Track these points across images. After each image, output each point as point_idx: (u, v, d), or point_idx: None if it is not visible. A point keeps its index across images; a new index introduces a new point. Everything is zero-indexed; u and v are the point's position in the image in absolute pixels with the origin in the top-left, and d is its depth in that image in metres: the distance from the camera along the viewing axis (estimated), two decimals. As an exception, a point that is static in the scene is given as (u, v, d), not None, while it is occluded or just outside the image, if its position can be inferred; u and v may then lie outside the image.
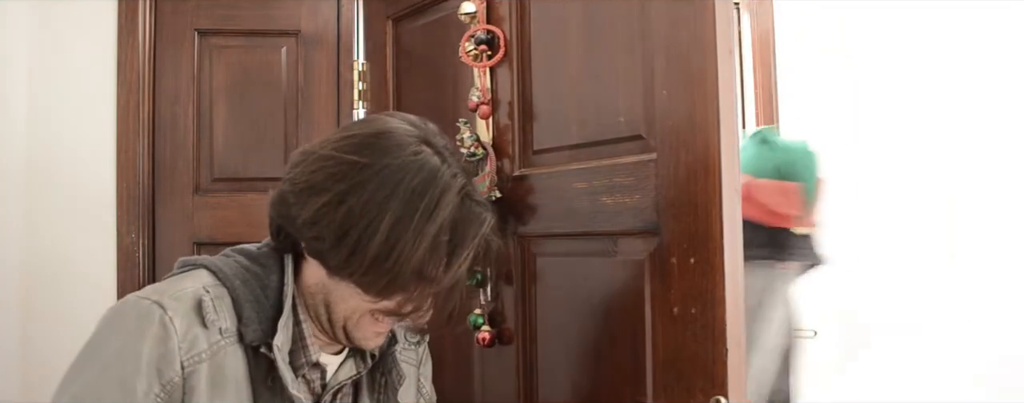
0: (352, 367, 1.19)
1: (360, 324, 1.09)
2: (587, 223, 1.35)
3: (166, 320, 0.97)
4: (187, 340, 0.98)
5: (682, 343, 1.18)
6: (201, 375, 0.99)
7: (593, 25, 1.37)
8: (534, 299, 1.50)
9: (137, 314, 0.98)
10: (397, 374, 1.22)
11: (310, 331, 1.10)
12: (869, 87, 1.80)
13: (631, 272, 1.28)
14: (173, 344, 0.97)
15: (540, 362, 1.48)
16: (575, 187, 1.37)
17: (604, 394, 1.34)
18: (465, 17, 1.59)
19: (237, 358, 1.04)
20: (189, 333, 0.99)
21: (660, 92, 1.21)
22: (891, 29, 1.79)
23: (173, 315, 0.98)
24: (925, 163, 1.66)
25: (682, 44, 1.18)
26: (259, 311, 1.06)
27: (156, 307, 0.98)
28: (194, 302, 1.01)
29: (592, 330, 1.37)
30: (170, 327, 0.97)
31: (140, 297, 1.00)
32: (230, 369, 1.03)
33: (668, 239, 1.20)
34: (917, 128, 1.71)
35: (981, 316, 1.63)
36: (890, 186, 1.66)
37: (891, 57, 1.79)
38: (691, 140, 1.16)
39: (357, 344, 1.12)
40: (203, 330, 1.00)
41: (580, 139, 1.39)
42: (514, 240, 1.52)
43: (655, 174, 1.22)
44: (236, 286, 1.05)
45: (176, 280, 1.05)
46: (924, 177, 1.64)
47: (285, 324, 1.06)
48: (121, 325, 0.99)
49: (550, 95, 1.47)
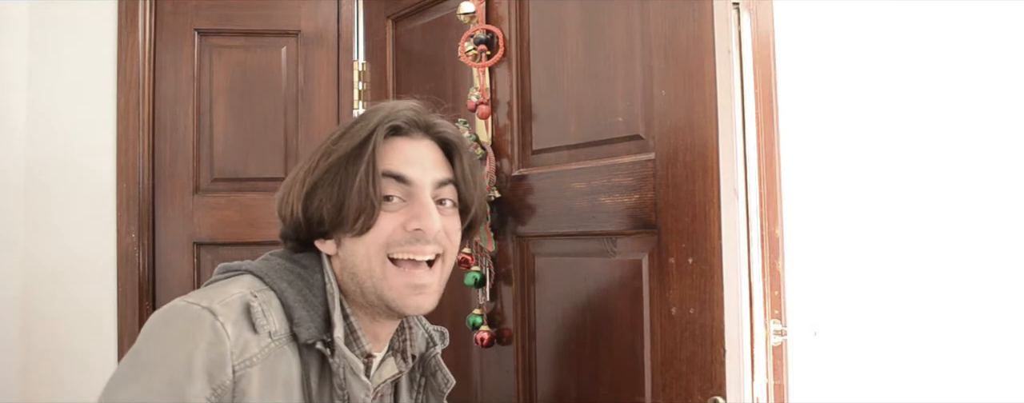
0: (393, 366, 1.20)
1: (387, 278, 1.10)
2: (586, 223, 1.35)
3: (218, 326, 0.98)
4: (239, 345, 0.99)
5: (680, 343, 1.18)
6: (252, 379, 1.00)
7: (592, 25, 1.37)
8: (533, 299, 1.50)
9: (188, 320, 0.98)
10: (444, 377, 1.24)
11: (358, 324, 1.12)
12: (869, 87, 1.79)
13: (629, 272, 1.28)
14: (225, 349, 0.97)
15: (539, 362, 1.48)
16: (574, 187, 1.37)
17: (603, 394, 1.34)
18: (464, 17, 1.59)
19: (288, 359, 1.05)
20: (240, 338, 0.99)
21: (659, 92, 1.21)
22: (892, 29, 1.78)
23: (224, 321, 0.99)
24: (927, 163, 1.65)
25: (680, 44, 1.18)
26: (310, 310, 1.08)
27: (207, 313, 0.98)
28: (243, 307, 1.02)
29: (591, 330, 1.36)
30: (222, 332, 0.98)
31: (189, 303, 1.00)
32: (281, 371, 1.04)
33: (666, 239, 1.20)
34: (918, 128, 1.71)
35: (982, 316, 1.62)
36: (891, 185, 1.66)
37: (892, 57, 1.78)
38: (689, 140, 1.16)
39: (399, 308, 1.11)
40: (253, 335, 1.01)
41: (579, 139, 1.39)
42: (513, 240, 1.52)
43: (653, 174, 1.22)
44: (283, 288, 1.07)
45: (222, 286, 1.06)
46: (925, 176, 1.63)
47: (338, 317, 1.09)
48: (170, 331, 0.99)
49: (549, 95, 1.46)
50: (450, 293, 1.67)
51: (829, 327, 1.64)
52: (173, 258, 2.15)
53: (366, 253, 1.09)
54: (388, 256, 1.10)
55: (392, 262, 1.10)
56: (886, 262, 1.66)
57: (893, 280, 1.67)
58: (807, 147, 1.65)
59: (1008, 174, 1.69)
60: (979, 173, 1.69)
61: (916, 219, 1.70)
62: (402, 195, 1.11)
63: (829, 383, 1.67)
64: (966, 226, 1.68)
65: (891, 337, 1.70)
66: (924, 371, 1.67)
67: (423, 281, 1.11)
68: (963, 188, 1.70)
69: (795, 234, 1.42)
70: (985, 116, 1.72)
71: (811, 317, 1.68)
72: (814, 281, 1.71)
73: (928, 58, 1.74)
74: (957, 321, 1.66)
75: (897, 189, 1.66)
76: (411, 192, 1.11)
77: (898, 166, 1.69)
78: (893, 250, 1.67)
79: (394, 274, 1.10)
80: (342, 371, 1.07)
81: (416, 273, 1.11)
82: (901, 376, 1.68)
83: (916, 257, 1.68)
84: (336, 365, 1.07)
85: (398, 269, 1.10)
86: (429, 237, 1.10)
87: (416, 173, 1.12)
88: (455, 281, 1.66)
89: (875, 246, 1.64)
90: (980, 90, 1.71)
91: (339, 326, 1.08)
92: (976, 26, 1.76)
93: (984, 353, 1.66)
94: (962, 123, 1.71)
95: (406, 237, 1.09)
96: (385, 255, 1.09)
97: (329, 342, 1.07)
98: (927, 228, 1.69)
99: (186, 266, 2.14)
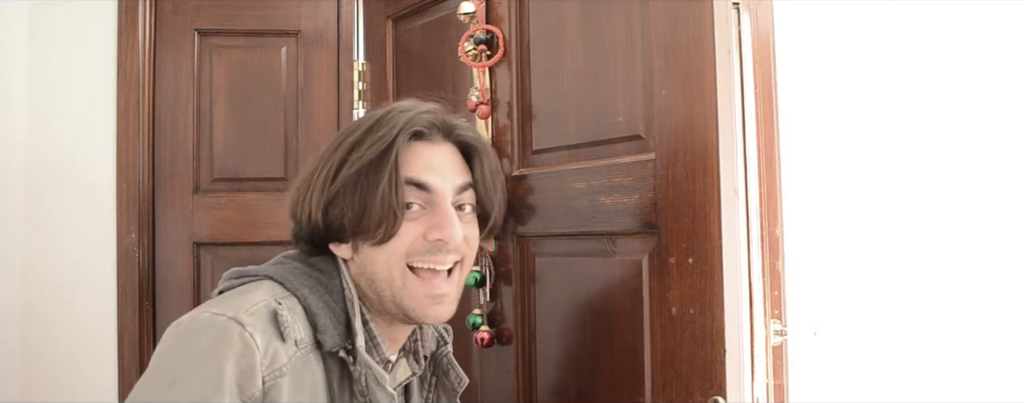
0: (406, 368, 1.20)
1: (407, 286, 1.08)
2: (586, 223, 1.35)
3: (246, 336, 0.96)
4: (268, 355, 0.97)
5: (681, 343, 1.18)
6: (282, 388, 0.98)
7: (592, 25, 1.37)
8: (533, 299, 1.50)
9: (215, 332, 0.96)
10: (457, 376, 1.23)
11: (377, 330, 1.11)
12: (869, 87, 1.79)
13: (629, 272, 1.28)
14: (255, 360, 0.95)
15: (539, 362, 1.48)
16: (574, 187, 1.37)
17: (602, 394, 1.34)
18: (464, 17, 1.59)
19: (313, 367, 1.04)
20: (269, 348, 0.97)
21: (659, 92, 1.21)
22: (892, 29, 1.78)
23: (253, 331, 0.96)
24: (927, 162, 1.65)
25: (680, 44, 1.18)
26: (332, 317, 1.06)
27: (234, 324, 0.96)
28: (270, 315, 1.00)
29: (591, 330, 1.36)
30: (251, 343, 0.96)
31: (214, 314, 0.98)
32: (308, 379, 1.02)
33: (667, 239, 1.20)
34: (918, 127, 1.71)
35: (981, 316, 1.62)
36: (891, 185, 1.65)
37: (892, 57, 1.78)
38: (690, 140, 1.16)
39: (419, 318, 1.10)
40: (282, 344, 0.99)
41: (579, 139, 1.39)
42: (513, 240, 1.52)
43: (654, 174, 1.22)
44: (305, 294, 1.06)
45: (243, 294, 1.04)
46: (926, 176, 1.63)
47: (358, 324, 1.07)
48: (197, 343, 0.96)
49: (549, 95, 1.46)
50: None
51: (829, 327, 1.64)
52: (173, 258, 2.15)
53: (386, 261, 1.08)
54: (408, 264, 1.08)
55: (411, 270, 1.09)
56: (886, 262, 1.66)
57: (893, 280, 1.67)
58: (807, 147, 1.65)
59: (1008, 174, 1.69)
60: (979, 173, 1.69)
61: (916, 219, 1.70)
62: (422, 202, 1.10)
63: (829, 383, 1.67)
64: (966, 226, 1.68)
65: (891, 337, 1.70)
66: (924, 371, 1.67)
67: (442, 290, 1.11)
68: (963, 188, 1.70)
69: (795, 234, 1.42)
70: (985, 116, 1.72)
71: (811, 317, 1.68)
72: (814, 281, 1.71)
73: (928, 58, 1.74)
74: (957, 321, 1.66)
75: (897, 189, 1.66)
76: (432, 199, 1.10)
77: (898, 166, 1.69)
78: (893, 250, 1.67)
79: (414, 284, 1.08)
80: (364, 379, 1.06)
81: (435, 282, 1.10)
82: (901, 376, 1.68)
83: (916, 257, 1.68)
84: (357, 372, 1.06)
85: (418, 278, 1.09)
86: (450, 247, 1.09)
87: (437, 180, 1.10)
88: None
89: (875, 246, 1.64)
90: (980, 90, 1.71)
91: (360, 334, 1.06)
92: (976, 26, 1.76)
93: (984, 353, 1.66)
94: (962, 123, 1.71)
95: (427, 247, 1.08)
96: (405, 264, 1.08)
97: (351, 349, 1.06)
98: (927, 228, 1.69)
99: (186, 266, 2.14)
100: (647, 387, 1.25)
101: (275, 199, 2.13)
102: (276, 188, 2.14)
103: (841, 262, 1.65)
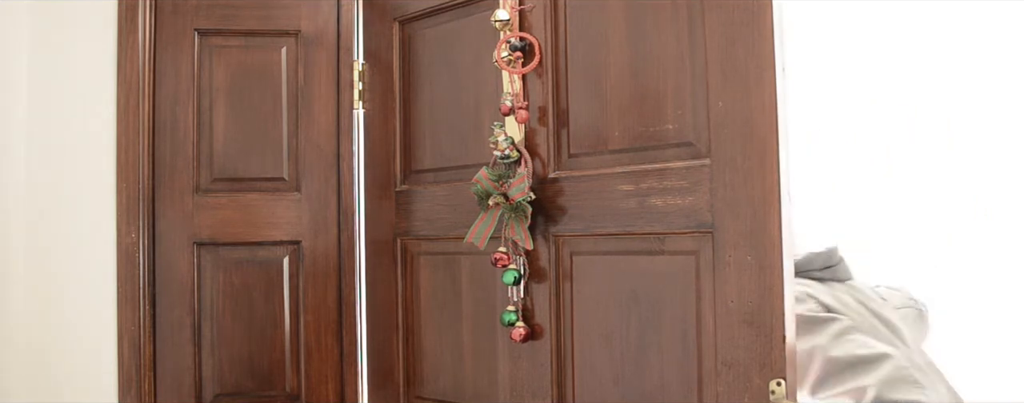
0: None
1: None
2: (632, 223, 1.45)
3: None
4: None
5: (738, 332, 1.29)
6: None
7: (639, 40, 1.47)
8: (568, 296, 1.59)
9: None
10: None
11: None
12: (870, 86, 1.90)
13: (681, 267, 1.39)
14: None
15: (577, 355, 1.57)
16: (620, 189, 1.47)
17: (649, 379, 1.44)
18: (498, 24, 1.66)
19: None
20: None
21: (716, 103, 1.32)
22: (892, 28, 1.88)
23: None
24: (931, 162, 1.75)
25: (738, 60, 1.29)
26: None
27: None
28: None
29: (636, 321, 1.46)
30: None
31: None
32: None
33: (724, 237, 1.31)
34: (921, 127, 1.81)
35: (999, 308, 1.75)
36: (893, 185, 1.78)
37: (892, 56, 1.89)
38: (749, 146, 1.28)
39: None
40: None
41: (623, 144, 1.49)
42: (548, 239, 1.60)
43: (709, 178, 1.33)
44: None
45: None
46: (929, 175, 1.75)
47: None
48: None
49: (588, 101, 1.55)
50: (478, 289, 1.75)
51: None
52: (173, 258, 2.14)
53: None
54: None
55: None
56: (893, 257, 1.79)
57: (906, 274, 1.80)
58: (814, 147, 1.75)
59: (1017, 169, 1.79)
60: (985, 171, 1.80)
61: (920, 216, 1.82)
62: None
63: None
64: (972, 223, 1.82)
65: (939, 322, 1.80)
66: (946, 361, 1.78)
67: None
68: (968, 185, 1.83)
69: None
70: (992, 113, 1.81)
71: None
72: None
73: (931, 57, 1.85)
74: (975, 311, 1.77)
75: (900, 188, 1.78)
76: None
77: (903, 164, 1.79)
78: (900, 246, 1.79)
79: None
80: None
81: None
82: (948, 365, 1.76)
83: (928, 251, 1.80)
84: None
85: None
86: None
87: None
88: (483, 278, 1.74)
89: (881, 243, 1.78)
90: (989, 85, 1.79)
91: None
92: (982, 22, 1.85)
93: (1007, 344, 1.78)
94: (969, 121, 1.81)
95: None
96: None
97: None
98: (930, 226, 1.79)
99: (186, 266, 2.14)
100: (699, 373, 1.36)
101: (275, 199, 2.15)
102: (276, 188, 2.16)
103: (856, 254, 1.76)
